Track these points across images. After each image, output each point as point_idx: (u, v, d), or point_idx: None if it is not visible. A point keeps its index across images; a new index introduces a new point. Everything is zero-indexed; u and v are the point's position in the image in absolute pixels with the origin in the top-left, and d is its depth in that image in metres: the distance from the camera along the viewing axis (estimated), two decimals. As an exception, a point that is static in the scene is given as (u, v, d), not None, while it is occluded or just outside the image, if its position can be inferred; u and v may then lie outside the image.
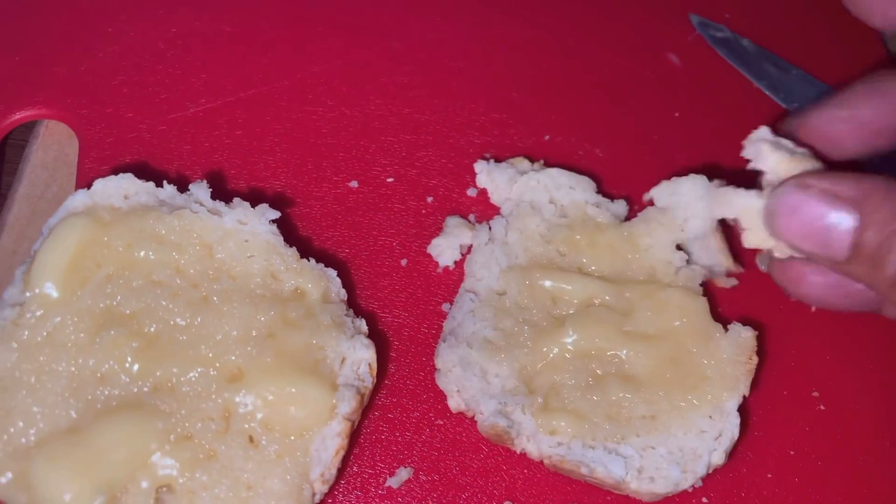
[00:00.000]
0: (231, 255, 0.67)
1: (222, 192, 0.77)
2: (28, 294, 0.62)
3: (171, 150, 0.82)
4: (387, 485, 0.69)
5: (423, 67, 0.91)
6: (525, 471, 0.71)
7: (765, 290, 0.79)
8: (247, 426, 0.62)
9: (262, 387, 0.62)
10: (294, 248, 0.70)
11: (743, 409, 0.69)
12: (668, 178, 0.76)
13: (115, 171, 0.79)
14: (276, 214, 0.70)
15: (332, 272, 0.70)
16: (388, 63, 0.91)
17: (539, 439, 0.67)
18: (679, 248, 0.76)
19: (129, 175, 0.69)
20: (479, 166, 0.83)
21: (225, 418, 0.62)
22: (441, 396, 0.71)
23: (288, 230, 0.77)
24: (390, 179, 0.83)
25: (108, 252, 0.65)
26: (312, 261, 0.70)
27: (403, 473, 0.69)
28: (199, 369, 0.62)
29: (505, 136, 0.88)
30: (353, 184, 0.83)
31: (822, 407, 0.76)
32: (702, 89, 0.94)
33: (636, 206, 0.84)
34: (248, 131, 0.84)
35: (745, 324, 0.72)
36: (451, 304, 0.77)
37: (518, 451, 0.69)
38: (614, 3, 1.00)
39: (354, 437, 0.66)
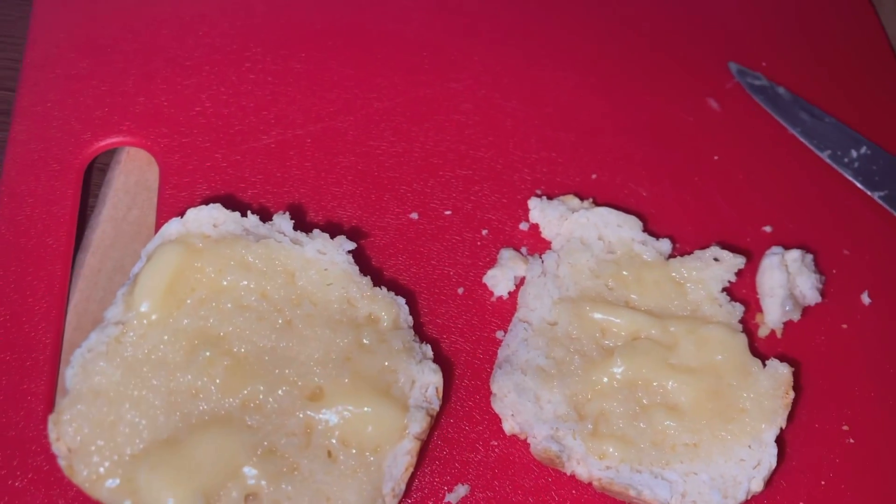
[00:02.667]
0: (312, 282, 0.72)
1: (296, 221, 0.82)
2: (130, 314, 0.68)
3: (246, 178, 0.88)
4: (446, 500, 0.73)
5: (479, 107, 0.97)
6: (574, 491, 0.75)
7: (798, 330, 0.85)
8: (326, 442, 0.66)
9: (341, 406, 0.67)
10: (368, 277, 0.75)
11: (779, 441, 0.73)
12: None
13: (195, 198, 0.85)
14: (352, 245, 0.75)
15: (401, 300, 0.75)
16: (447, 102, 0.96)
17: (589, 463, 0.72)
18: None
19: (218, 205, 0.74)
20: (533, 202, 0.88)
21: (306, 434, 0.66)
22: (496, 419, 0.76)
23: (358, 259, 0.82)
24: (448, 212, 0.89)
25: (200, 277, 0.70)
26: (384, 289, 0.75)
27: (461, 490, 0.74)
28: (284, 388, 0.67)
29: (555, 174, 0.93)
30: (414, 216, 0.88)
31: (851, 440, 0.80)
32: (739, 134, 1.00)
33: (678, 245, 0.89)
34: (316, 163, 0.90)
35: (780, 360, 0.77)
36: (505, 331, 0.82)
37: (568, 473, 0.73)
38: (658, 51, 1.06)
39: (420, 455, 0.71)
